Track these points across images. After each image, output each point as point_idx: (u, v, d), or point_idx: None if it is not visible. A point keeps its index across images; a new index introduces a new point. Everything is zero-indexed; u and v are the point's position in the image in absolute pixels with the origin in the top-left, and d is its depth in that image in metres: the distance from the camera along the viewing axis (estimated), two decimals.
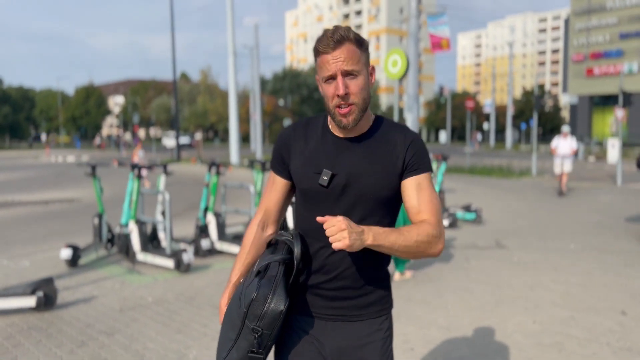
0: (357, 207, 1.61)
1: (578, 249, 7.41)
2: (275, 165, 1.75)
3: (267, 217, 1.79)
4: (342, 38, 1.53)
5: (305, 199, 1.68)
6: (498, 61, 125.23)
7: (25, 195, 14.51)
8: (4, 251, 7.48)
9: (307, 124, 1.72)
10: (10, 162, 33.65)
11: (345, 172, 1.59)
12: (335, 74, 1.54)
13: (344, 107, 1.55)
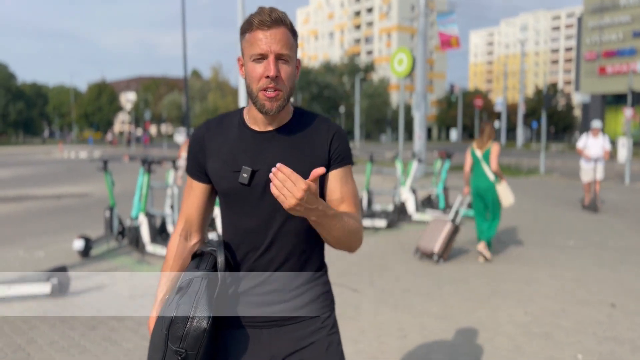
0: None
1: (577, 245, 7.54)
2: (192, 169, 1.62)
3: (189, 225, 1.67)
4: (279, 19, 1.45)
5: (227, 201, 1.57)
6: (510, 59, 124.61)
7: (38, 190, 14.85)
8: (20, 242, 7.76)
9: (221, 121, 1.61)
10: (24, 157, 34.20)
11: (267, 167, 1.50)
12: (267, 53, 1.43)
13: (272, 91, 1.45)
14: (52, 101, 76.87)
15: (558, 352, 3.76)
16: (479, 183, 6.72)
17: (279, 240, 1.53)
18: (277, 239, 1.53)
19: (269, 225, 1.52)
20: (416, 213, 9.53)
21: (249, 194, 1.51)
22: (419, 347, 3.88)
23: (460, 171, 19.49)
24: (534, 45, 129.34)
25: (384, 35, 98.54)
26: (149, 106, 70.18)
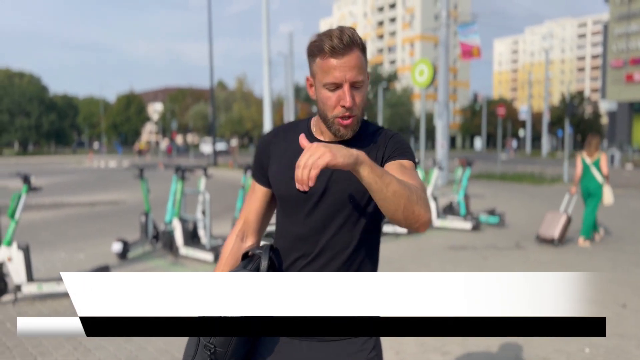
0: (337, 212, 1.52)
1: (594, 249, 7.72)
2: (256, 172, 1.66)
3: (246, 227, 1.69)
4: (351, 42, 1.43)
5: (283, 206, 1.60)
6: (535, 67, 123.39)
7: (73, 197, 15.50)
8: (61, 245, 8.26)
9: (289, 129, 1.65)
10: (57, 166, 35.32)
11: (325, 176, 1.50)
12: (341, 82, 1.44)
13: (347, 119, 1.48)
14: (82, 112, 78.96)
15: (565, 345, 4.02)
16: (589, 184, 8.15)
17: (329, 250, 1.53)
18: (327, 249, 1.53)
19: (320, 233, 1.53)
20: (437, 219, 9.78)
21: (305, 201, 1.53)
22: (436, 349, 4.17)
23: (486, 180, 19.61)
24: (559, 53, 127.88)
25: (407, 44, 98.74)
26: (176, 116, 71.60)
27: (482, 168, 26.40)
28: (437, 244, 8.27)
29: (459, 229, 9.53)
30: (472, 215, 9.84)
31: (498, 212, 10.03)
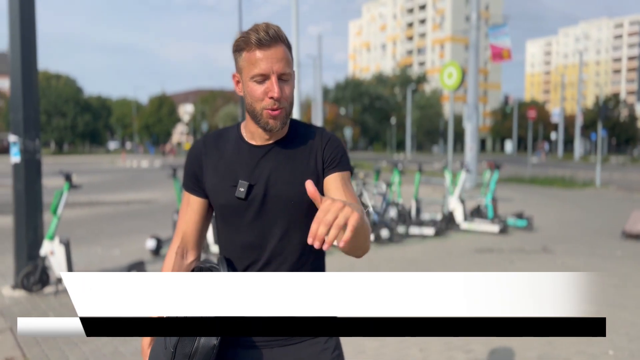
0: (280, 216, 1.52)
1: (624, 255, 7.64)
2: (189, 183, 1.61)
3: (185, 242, 1.63)
4: (277, 36, 1.45)
5: (224, 216, 1.56)
6: (569, 69, 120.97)
7: (108, 196, 15.98)
8: (97, 241, 8.59)
9: (219, 136, 1.62)
10: (91, 166, 36.29)
11: (263, 180, 1.51)
12: (268, 74, 1.44)
13: (275, 110, 1.47)
14: (116, 113, 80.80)
15: (589, 347, 4.05)
16: None
17: (278, 255, 1.52)
18: (276, 253, 1.52)
19: (267, 239, 1.52)
20: (464, 222, 9.80)
21: (246, 208, 1.51)
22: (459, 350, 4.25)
23: (516, 183, 19.42)
24: (594, 55, 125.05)
25: (437, 46, 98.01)
26: (206, 118, 72.70)
27: (512, 171, 26.11)
28: (463, 247, 8.31)
29: (486, 231, 9.53)
30: (499, 218, 9.83)
31: (526, 216, 9.99)
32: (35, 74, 5.70)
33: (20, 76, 5.48)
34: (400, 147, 76.47)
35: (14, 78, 5.53)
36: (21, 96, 5.47)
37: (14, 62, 5.54)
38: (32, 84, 5.60)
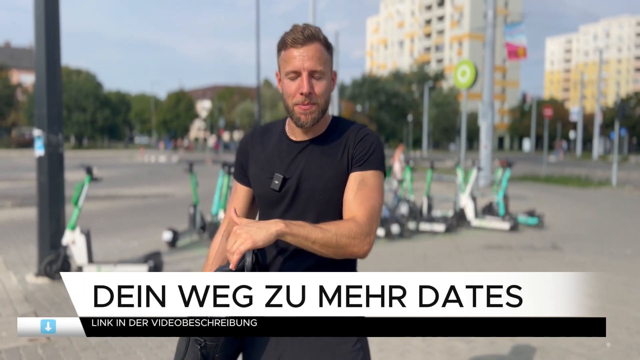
0: (309, 210, 1.59)
1: (633, 253, 7.69)
2: (236, 173, 1.75)
3: (231, 227, 1.70)
4: (312, 36, 1.52)
5: (261, 204, 1.69)
6: (590, 67, 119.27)
7: (126, 190, 16.31)
8: (116, 233, 8.86)
9: (265, 130, 1.73)
10: (110, 160, 36.86)
11: (297, 175, 1.59)
12: (300, 70, 1.52)
13: (306, 106, 1.54)
14: (134, 108, 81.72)
15: (588, 339, 4.16)
16: None
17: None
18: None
19: None
20: (475, 219, 9.89)
21: (280, 199, 1.60)
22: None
23: (531, 182, 19.35)
24: (616, 52, 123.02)
25: (455, 43, 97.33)
26: (223, 114, 73.19)
27: (528, 170, 25.99)
28: (474, 243, 8.41)
29: (497, 228, 9.61)
30: (510, 215, 9.90)
31: (537, 214, 10.04)
32: (59, 71, 5.95)
33: (45, 73, 5.73)
34: (416, 144, 76.22)
35: (39, 75, 5.79)
36: (45, 92, 5.73)
37: (38, 60, 5.79)
38: (56, 80, 5.85)
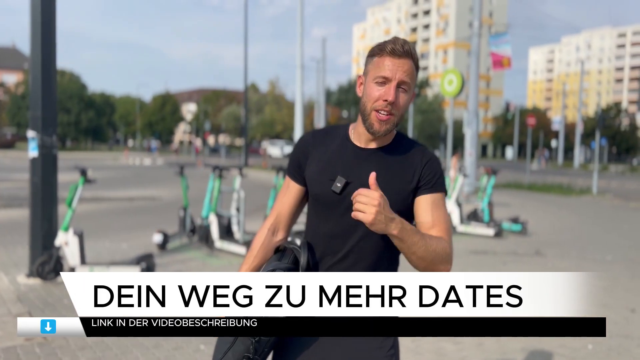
0: None
1: (614, 260, 7.92)
2: (291, 170, 1.75)
3: (278, 221, 1.78)
4: (409, 52, 1.56)
5: (316, 205, 1.69)
6: (571, 77, 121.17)
7: (112, 192, 16.24)
8: (105, 236, 8.86)
9: (328, 132, 1.75)
10: (94, 162, 36.54)
11: (359, 181, 1.59)
12: (391, 78, 1.55)
13: (384, 114, 1.57)
14: (119, 110, 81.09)
15: (571, 341, 4.33)
16: None
17: (355, 252, 1.62)
18: (354, 250, 1.62)
19: (349, 234, 1.62)
20: (460, 225, 10.07)
21: (338, 202, 1.62)
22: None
23: (514, 189, 19.63)
24: (597, 63, 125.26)
25: (440, 51, 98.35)
26: (209, 117, 73.00)
27: (511, 177, 26.37)
28: (459, 249, 8.58)
29: (482, 235, 9.81)
30: (495, 222, 10.10)
31: (521, 221, 10.27)
32: (54, 74, 6.00)
33: (41, 76, 5.78)
34: None
35: (34, 77, 5.83)
36: (40, 95, 5.77)
37: (34, 62, 5.84)
38: (51, 83, 5.90)
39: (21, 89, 61.83)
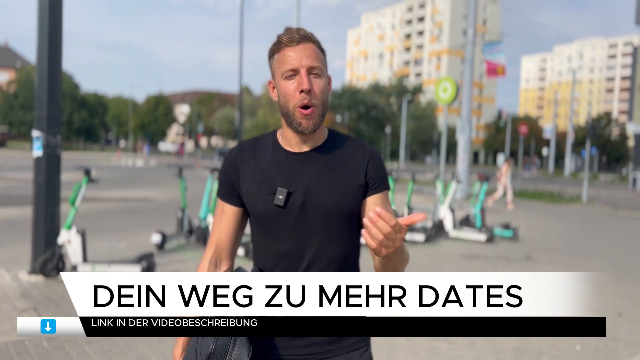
0: (319, 227, 1.50)
1: (602, 266, 8.13)
2: (223, 192, 1.58)
3: (219, 252, 1.60)
4: (307, 36, 1.48)
5: (260, 225, 1.54)
6: (563, 86, 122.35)
7: (106, 193, 16.29)
8: (101, 235, 8.95)
9: (255, 143, 1.60)
10: (86, 163, 36.48)
11: (302, 188, 1.48)
12: (298, 68, 1.45)
13: (307, 109, 1.46)
14: (111, 111, 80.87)
15: (559, 342, 4.51)
16: None
17: (315, 265, 1.50)
18: (313, 264, 1.50)
19: (304, 248, 1.50)
20: (453, 230, 10.26)
21: (284, 216, 1.49)
22: None
23: (505, 196, 19.88)
24: (588, 73, 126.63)
25: (434, 58, 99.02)
26: (202, 119, 73.00)
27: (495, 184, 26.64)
28: (452, 253, 8.76)
29: (474, 240, 9.99)
30: (487, 227, 10.30)
31: (512, 226, 10.47)
32: (59, 74, 6.11)
33: (47, 76, 5.89)
34: (394, 156, 77.12)
35: (41, 78, 5.94)
36: (46, 95, 5.88)
37: (40, 63, 5.95)
38: (56, 84, 6.01)
39: (13, 88, 61.55)
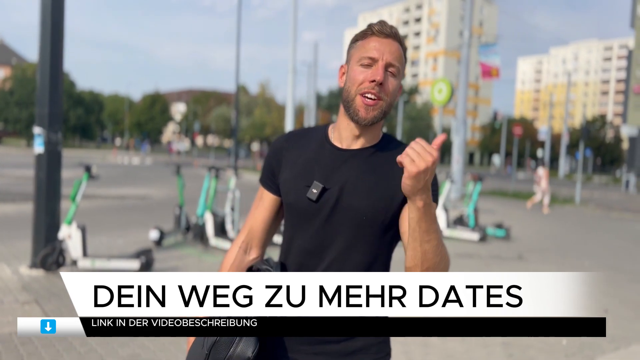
0: (347, 228, 1.42)
1: (592, 266, 8.29)
2: (264, 178, 1.56)
3: (250, 238, 1.57)
4: (397, 35, 1.42)
5: (291, 215, 1.50)
6: (558, 88, 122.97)
7: (103, 190, 16.37)
8: (99, 232, 9.04)
9: (304, 134, 1.56)
10: (82, 160, 36.48)
11: (338, 186, 1.42)
12: (378, 59, 1.38)
13: (372, 98, 1.38)
14: (108, 109, 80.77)
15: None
16: None
17: (335, 266, 1.43)
18: (333, 265, 1.43)
19: (327, 248, 1.44)
20: (447, 229, 10.40)
21: (315, 211, 1.43)
22: None
23: (499, 197, 20.06)
24: (583, 75, 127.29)
25: (430, 59, 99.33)
26: (198, 118, 73.02)
27: (497, 185, 26.88)
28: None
29: (467, 239, 10.14)
30: (480, 227, 10.45)
31: (505, 226, 10.63)
32: (61, 72, 6.21)
33: (49, 74, 5.99)
34: None
35: (43, 75, 6.05)
36: (48, 92, 5.99)
37: (43, 61, 6.05)
38: (58, 81, 6.12)
39: (8, 84, 61.38)
